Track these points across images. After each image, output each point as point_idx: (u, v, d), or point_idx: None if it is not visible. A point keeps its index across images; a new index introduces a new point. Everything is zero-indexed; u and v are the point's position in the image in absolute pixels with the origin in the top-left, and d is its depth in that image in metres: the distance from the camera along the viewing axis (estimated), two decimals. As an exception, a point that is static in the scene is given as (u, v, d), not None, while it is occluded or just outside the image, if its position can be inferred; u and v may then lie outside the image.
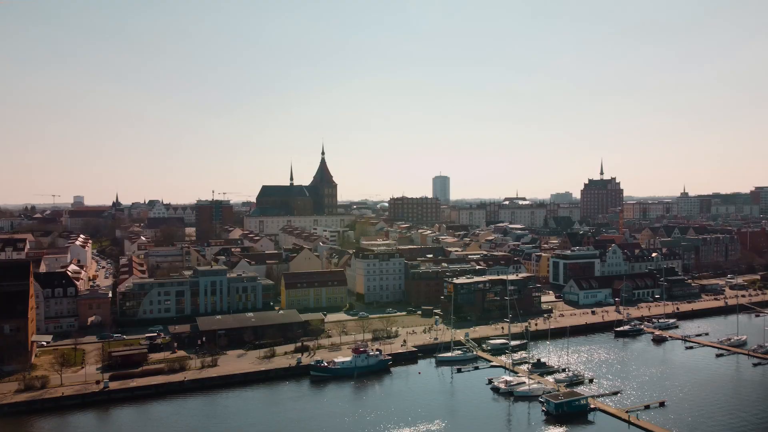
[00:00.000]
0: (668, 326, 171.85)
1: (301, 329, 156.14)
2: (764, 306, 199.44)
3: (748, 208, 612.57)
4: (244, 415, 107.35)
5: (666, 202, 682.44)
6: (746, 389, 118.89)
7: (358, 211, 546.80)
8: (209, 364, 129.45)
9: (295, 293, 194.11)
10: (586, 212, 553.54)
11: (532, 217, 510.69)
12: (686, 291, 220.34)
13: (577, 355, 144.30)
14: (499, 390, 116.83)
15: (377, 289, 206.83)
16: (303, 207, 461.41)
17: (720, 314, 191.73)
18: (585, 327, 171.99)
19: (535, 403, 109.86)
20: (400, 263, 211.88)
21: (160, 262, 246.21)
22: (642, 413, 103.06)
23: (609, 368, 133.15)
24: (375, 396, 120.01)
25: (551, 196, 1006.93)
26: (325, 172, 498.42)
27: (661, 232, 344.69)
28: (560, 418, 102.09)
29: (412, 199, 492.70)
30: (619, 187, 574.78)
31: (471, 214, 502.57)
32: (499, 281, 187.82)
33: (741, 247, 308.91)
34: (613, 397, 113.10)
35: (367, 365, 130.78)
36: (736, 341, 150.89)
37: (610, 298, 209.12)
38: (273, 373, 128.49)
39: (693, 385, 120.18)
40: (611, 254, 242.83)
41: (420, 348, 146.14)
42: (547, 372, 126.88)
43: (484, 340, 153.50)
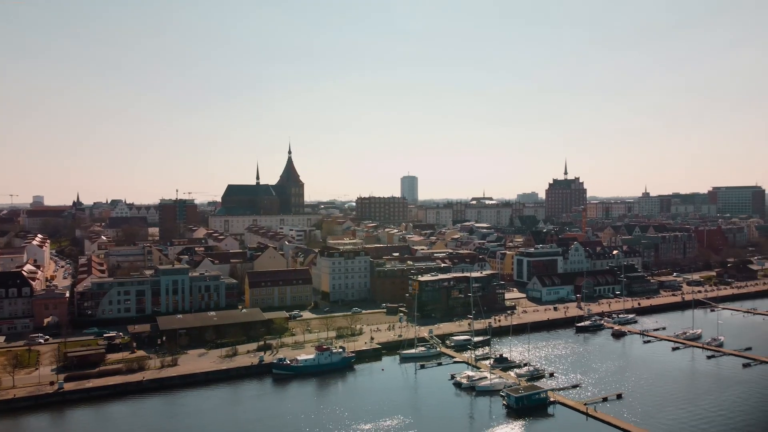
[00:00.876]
0: (627, 321, 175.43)
1: (265, 328, 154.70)
2: (719, 301, 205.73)
3: (706, 207, 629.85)
4: (205, 414, 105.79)
5: (628, 202, 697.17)
6: (700, 381, 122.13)
7: (325, 211, 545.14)
8: (169, 364, 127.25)
9: (259, 292, 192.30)
10: (551, 211, 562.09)
11: (498, 217, 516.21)
12: (645, 287, 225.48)
13: (538, 350, 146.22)
14: (462, 385, 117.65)
15: (342, 287, 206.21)
16: (269, 206, 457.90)
17: (677, 309, 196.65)
18: (547, 323, 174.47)
19: (496, 397, 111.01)
20: (366, 261, 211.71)
21: (121, 262, 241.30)
22: (600, 405, 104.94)
23: (569, 362, 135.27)
24: (338, 393, 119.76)
25: (518, 196, 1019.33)
26: (292, 171, 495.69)
27: (622, 230, 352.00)
28: (521, 411, 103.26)
29: (379, 198, 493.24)
30: (583, 187, 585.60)
31: (438, 213, 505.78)
32: (464, 279, 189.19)
33: (698, 244, 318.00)
34: (572, 390, 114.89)
35: (331, 363, 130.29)
36: (692, 335, 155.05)
37: (572, 294, 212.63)
38: (234, 371, 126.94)
39: (649, 377, 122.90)
40: (574, 252, 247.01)
41: (384, 345, 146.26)
42: (509, 367, 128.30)
43: (448, 336, 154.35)
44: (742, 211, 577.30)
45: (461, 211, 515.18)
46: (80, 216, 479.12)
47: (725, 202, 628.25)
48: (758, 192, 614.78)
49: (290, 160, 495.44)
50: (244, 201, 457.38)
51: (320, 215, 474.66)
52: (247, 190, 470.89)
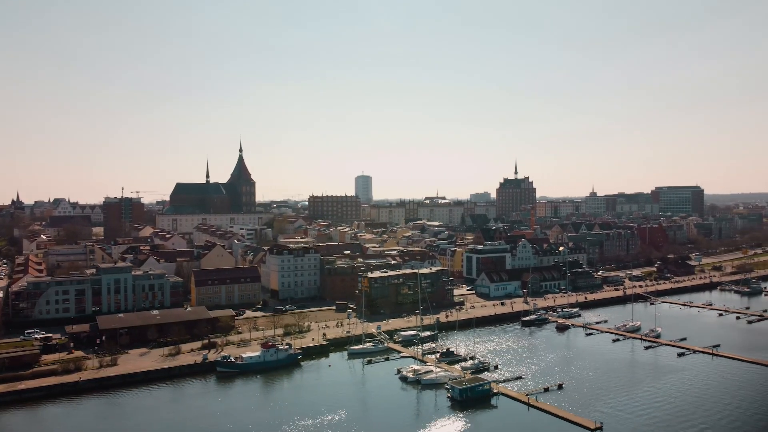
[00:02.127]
0: (571, 315, 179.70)
1: (210, 326, 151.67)
2: (658, 295, 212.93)
3: (650, 206, 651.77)
4: (145, 413, 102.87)
5: (576, 201, 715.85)
6: (638, 370, 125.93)
7: (278, 210, 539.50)
8: (108, 364, 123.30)
9: (205, 290, 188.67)
10: (502, 210, 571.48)
11: (450, 215, 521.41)
12: (589, 282, 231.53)
13: (485, 344, 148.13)
14: (407, 379, 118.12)
15: (292, 285, 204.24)
16: (219, 205, 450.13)
17: (619, 303, 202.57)
18: (494, 317, 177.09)
19: (441, 390, 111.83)
20: (316, 259, 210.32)
21: (61, 261, 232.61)
22: (541, 396, 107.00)
23: (514, 355, 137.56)
24: (283, 390, 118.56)
25: (471, 196, 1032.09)
26: (243, 169, 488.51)
27: (569, 228, 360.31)
28: (464, 403, 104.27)
29: (332, 197, 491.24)
30: (533, 187, 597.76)
31: (391, 212, 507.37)
32: (412, 275, 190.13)
33: (641, 241, 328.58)
34: (515, 381, 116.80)
35: (277, 360, 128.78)
36: (631, 327, 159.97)
37: (519, 290, 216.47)
38: (177, 370, 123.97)
39: (590, 368, 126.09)
40: (521, 248, 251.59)
41: (331, 341, 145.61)
42: (455, 361, 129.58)
43: (396, 332, 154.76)
44: (682, 210, 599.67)
45: (414, 210, 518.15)
46: (19, 215, 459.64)
47: (667, 201, 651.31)
48: (697, 192, 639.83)
49: (241, 158, 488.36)
50: (194, 200, 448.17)
51: (272, 214, 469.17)
52: (197, 189, 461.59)
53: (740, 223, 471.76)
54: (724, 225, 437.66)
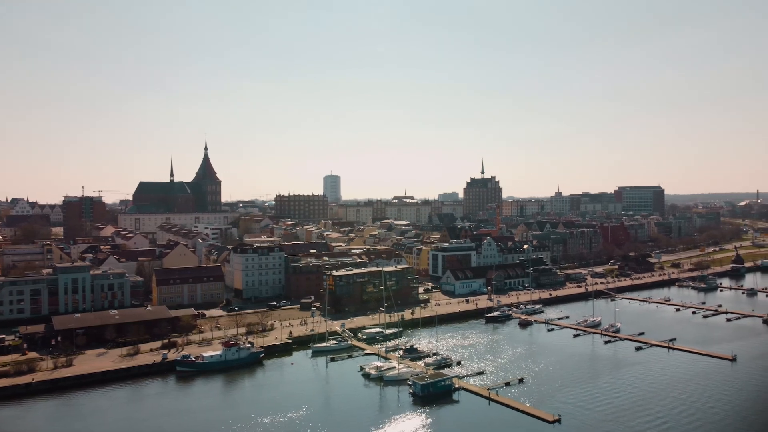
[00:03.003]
0: (534, 311, 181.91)
1: (170, 325, 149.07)
2: (619, 291, 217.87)
3: (613, 206, 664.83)
4: (101, 414, 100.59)
5: (542, 201, 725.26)
6: (597, 364, 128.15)
7: (244, 209, 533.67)
8: (63, 365, 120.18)
9: (167, 290, 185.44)
10: (468, 209, 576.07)
11: (417, 214, 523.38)
12: (553, 279, 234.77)
13: (448, 340, 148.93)
14: (370, 376, 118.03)
15: (256, 284, 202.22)
16: (184, 204, 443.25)
17: (581, 300, 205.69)
18: (458, 314, 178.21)
19: (404, 386, 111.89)
20: (280, 257, 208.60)
21: (17, 261, 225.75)
22: (502, 390, 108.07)
23: (477, 351, 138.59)
24: (245, 388, 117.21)
25: (439, 195, 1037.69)
26: (208, 168, 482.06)
27: (534, 227, 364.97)
28: (426, 398, 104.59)
29: (299, 196, 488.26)
30: (499, 186, 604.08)
31: (358, 211, 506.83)
32: (378, 273, 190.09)
33: (603, 239, 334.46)
34: (477, 376, 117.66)
35: (238, 358, 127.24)
36: (592, 322, 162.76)
37: (484, 287, 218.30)
38: (136, 370, 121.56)
39: (551, 362, 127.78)
40: (486, 246, 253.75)
41: (295, 340, 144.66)
42: (418, 357, 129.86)
43: (360, 330, 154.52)
44: (644, 209, 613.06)
45: (382, 209, 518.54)
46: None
47: (629, 201, 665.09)
48: (658, 192, 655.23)
49: (206, 157, 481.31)
50: (158, 199, 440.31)
51: (238, 214, 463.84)
52: (161, 188, 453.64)
53: (699, 222, 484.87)
54: (684, 224, 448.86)
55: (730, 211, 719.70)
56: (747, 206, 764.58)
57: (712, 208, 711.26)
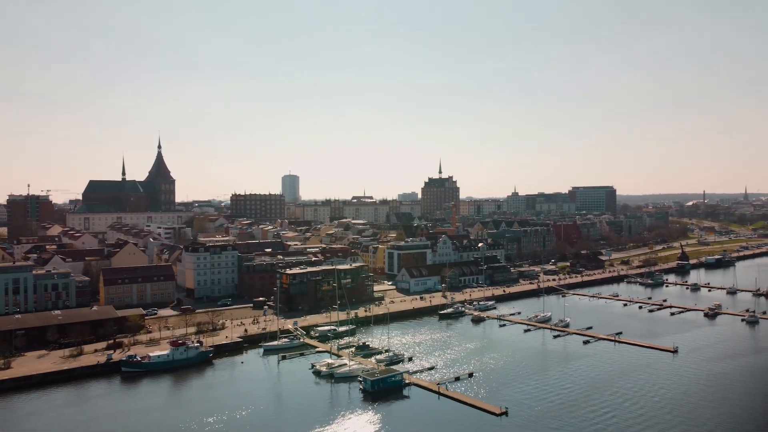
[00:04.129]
0: (487, 308, 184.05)
1: (117, 326, 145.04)
2: (570, 288, 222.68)
3: (567, 205, 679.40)
4: (40, 416, 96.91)
5: (499, 201, 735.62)
6: (546, 358, 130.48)
7: (199, 209, 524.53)
8: (0, 367, 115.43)
9: (115, 290, 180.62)
10: (426, 209, 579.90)
11: (375, 214, 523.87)
12: (506, 276, 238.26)
13: (401, 337, 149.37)
14: (321, 373, 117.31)
15: (208, 283, 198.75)
16: (136, 203, 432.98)
17: (533, 296, 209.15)
18: (412, 312, 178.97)
19: (355, 383, 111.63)
20: (233, 256, 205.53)
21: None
22: (452, 384, 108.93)
23: (429, 347, 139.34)
24: (194, 388, 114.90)
25: (399, 195, 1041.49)
26: (162, 166, 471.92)
27: (490, 225, 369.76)
28: (376, 394, 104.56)
29: (256, 195, 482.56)
30: (456, 186, 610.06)
31: (316, 210, 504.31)
32: (332, 271, 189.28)
33: (556, 238, 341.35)
34: (428, 372, 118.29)
35: (187, 358, 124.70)
36: (542, 318, 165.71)
37: (439, 284, 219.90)
38: (79, 371, 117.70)
39: (501, 357, 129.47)
40: (442, 245, 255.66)
41: (246, 338, 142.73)
42: (370, 354, 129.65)
43: (313, 327, 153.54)
44: (597, 208, 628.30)
45: (340, 208, 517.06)
46: None
47: (583, 200, 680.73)
48: (611, 192, 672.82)
49: (160, 155, 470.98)
50: (108, 198, 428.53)
51: (193, 213, 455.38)
52: (112, 187, 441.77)
53: (648, 221, 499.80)
54: (634, 223, 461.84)
55: (678, 210, 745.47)
56: (694, 206, 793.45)
57: (662, 208, 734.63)
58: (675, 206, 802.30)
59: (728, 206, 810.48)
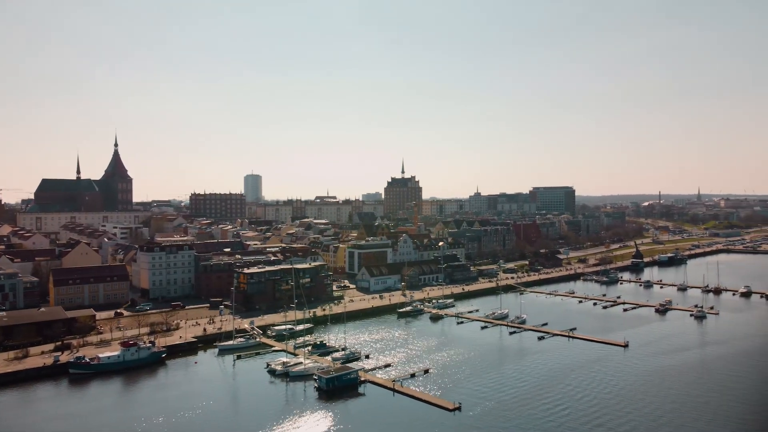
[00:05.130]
0: (446, 306, 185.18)
1: (66, 327, 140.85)
2: (528, 285, 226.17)
3: (528, 205, 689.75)
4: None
5: (461, 201, 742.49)
6: (502, 353, 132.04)
7: (158, 208, 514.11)
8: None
9: (66, 290, 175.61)
10: (389, 208, 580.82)
11: (338, 214, 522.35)
12: (466, 275, 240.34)
13: (360, 335, 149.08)
14: (276, 372, 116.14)
15: (164, 283, 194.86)
16: (92, 203, 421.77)
17: (492, 294, 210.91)
18: (371, 310, 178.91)
19: (310, 381, 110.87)
20: (190, 256, 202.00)
21: None
22: (407, 381, 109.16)
23: (387, 345, 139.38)
24: (146, 389, 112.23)
25: (363, 195, 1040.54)
26: (118, 165, 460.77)
27: (451, 225, 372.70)
28: (331, 392, 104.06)
29: (216, 195, 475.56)
30: (419, 185, 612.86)
31: (278, 210, 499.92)
32: (291, 270, 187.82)
33: (516, 237, 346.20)
34: (384, 369, 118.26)
35: (138, 359, 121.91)
36: (499, 315, 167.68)
37: (399, 283, 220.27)
38: (24, 374, 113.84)
39: (457, 354, 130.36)
40: (402, 244, 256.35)
41: (200, 338, 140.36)
42: (326, 352, 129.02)
43: (270, 327, 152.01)
44: (556, 208, 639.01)
45: (301, 208, 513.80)
46: None
47: (543, 200, 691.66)
48: (570, 192, 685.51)
49: (116, 153, 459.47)
50: (62, 197, 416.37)
51: (150, 213, 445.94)
52: (66, 185, 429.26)
53: (606, 221, 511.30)
54: (592, 222, 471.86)
55: (634, 211, 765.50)
56: (650, 207, 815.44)
57: (619, 208, 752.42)
58: (632, 206, 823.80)
59: (682, 207, 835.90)
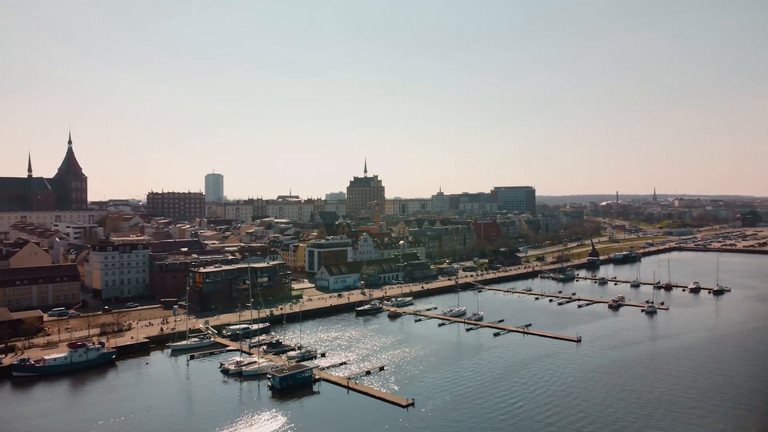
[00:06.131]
0: (404, 304, 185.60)
1: (11, 329, 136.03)
2: (486, 283, 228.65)
3: (489, 205, 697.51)
4: None
5: (424, 200, 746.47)
6: (458, 350, 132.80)
7: (114, 208, 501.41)
8: None
9: (12, 291, 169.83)
10: (351, 208, 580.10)
11: (300, 213, 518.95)
12: (426, 273, 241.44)
13: (317, 334, 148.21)
14: (229, 371, 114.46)
15: (117, 283, 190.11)
16: (44, 202, 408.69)
17: (451, 292, 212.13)
18: (330, 309, 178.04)
19: (264, 380, 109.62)
20: (144, 255, 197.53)
21: None
22: (362, 378, 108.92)
23: (344, 343, 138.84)
24: (94, 391, 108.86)
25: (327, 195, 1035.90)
26: (72, 163, 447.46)
27: (413, 224, 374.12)
28: (285, 391, 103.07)
29: (174, 194, 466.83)
30: (381, 185, 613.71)
31: (238, 210, 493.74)
32: (248, 269, 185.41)
33: (477, 236, 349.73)
34: (339, 367, 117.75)
35: (86, 360, 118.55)
36: (457, 312, 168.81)
37: (358, 282, 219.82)
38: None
39: (414, 350, 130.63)
40: (363, 242, 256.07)
41: (153, 339, 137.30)
42: (282, 351, 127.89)
43: (225, 326, 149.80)
44: (517, 207, 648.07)
45: (263, 207, 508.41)
46: None
47: (505, 200, 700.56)
48: (530, 192, 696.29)
49: (70, 151, 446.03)
50: (12, 196, 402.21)
51: (106, 212, 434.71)
52: (16, 184, 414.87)
53: (565, 220, 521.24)
54: (551, 221, 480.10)
55: (593, 210, 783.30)
56: (608, 206, 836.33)
57: (578, 207, 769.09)
58: (591, 206, 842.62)
59: (639, 206, 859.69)
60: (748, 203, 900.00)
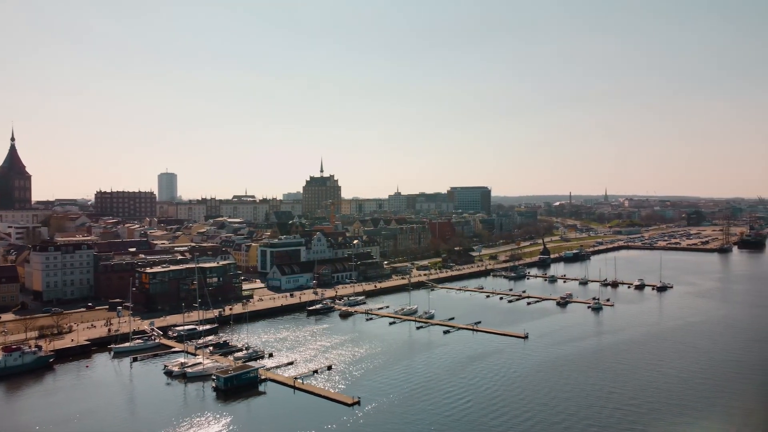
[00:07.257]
0: (356, 303, 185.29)
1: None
2: (440, 282, 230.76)
3: (446, 205, 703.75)
4: None
5: (381, 200, 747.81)
6: (407, 348, 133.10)
7: (61, 207, 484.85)
8: None
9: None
10: (307, 207, 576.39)
11: (255, 213, 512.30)
12: (379, 272, 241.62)
13: (266, 334, 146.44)
14: (173, 373, 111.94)
15: (59, 284, 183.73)
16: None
17: (404, 291, 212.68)
18: (281, 308, 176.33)
19: (209, 381, 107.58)
20: (88, 255, 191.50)
21: None
22: (309, 378, 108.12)
23: (293, 343, 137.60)
24: (29, 396, 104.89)
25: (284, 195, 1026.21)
26: (15, 161, 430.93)
27: (369, 223, 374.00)
28: (230, 392, 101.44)
29: (123, 193, 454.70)
30: (338, 185, 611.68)
31: (191, 209, 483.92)
32: (197, 269, 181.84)
33: (432, 235, 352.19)
34: (286, 367, 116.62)
35: (22, 364, 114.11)
36: (408, 310, 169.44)
37: (311, 281, 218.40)
38: None
39: (363, 349, 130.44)
40: (316, 242, 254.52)
41: (94, 341, 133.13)
42: (228, 352, 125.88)
43: (171, 327, 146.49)
44: (473, 207, 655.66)
45: (216, 207, 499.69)
46: None
47: (461, 200, 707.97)
48: (486, 192, 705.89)
49: (13, 148, 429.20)
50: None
51: (52, 211, 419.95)
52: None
53: (519, 220, 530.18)
54: (505, 221, 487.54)
55: (546, 210, 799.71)
56: (561, 206, 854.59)
57: (533, 207, 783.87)
58: (544, 206, 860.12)
59: (590, 206, 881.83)
60: (694, 203, 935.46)
